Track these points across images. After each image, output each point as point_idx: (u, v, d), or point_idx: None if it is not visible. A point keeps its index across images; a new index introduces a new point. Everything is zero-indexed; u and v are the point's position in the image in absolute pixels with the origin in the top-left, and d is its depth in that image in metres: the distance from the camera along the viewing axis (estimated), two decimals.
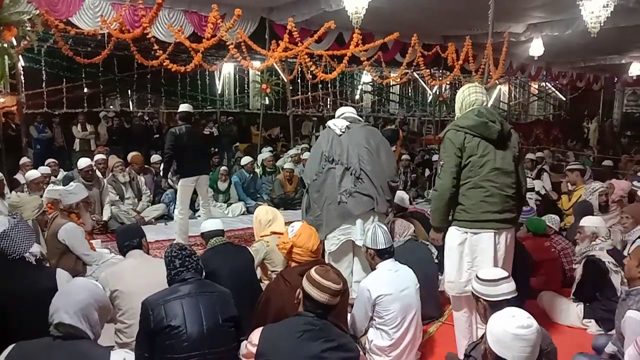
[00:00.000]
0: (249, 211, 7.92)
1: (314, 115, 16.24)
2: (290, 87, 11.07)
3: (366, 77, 16.62)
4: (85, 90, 12.94)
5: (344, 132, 3.95)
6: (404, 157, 9.57)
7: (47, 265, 3.49)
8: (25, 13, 4.11)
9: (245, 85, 16.03)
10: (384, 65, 10.38)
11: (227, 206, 7.93)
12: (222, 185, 8.03)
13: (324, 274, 2.35)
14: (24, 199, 4.16)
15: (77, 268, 4.00)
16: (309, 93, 15.81)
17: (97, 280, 3.25)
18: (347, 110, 4.15)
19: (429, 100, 18.11)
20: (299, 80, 14.95)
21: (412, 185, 9.19)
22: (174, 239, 5.96)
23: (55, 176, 6.73)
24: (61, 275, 2.67)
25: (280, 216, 4.29)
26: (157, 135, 12.05)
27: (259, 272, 3.94)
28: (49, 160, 7.41)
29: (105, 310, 2.08)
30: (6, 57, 3.73)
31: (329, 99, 17.64)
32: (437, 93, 15.46)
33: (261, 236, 4.06)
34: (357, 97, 18.30)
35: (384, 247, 3.25)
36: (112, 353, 1.96)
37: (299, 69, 10.10)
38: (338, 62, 9.02)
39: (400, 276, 3.22)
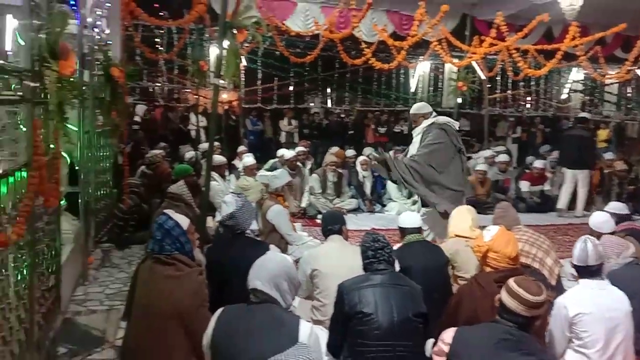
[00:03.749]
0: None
1: (511, 115, 15.20)
2: (488, 85, 10.52)
3: (576, 75, 14.90)
4: (291, 88, 14.15)
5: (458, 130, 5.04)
6: (619, 167, 8.39)
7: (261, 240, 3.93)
8: (253, 17, 4.63)
9: (440, 83, 15.76)
10: (602, 61, 9.18)
11: (412, 204, 7.87)
12: None
13: (522, 283, 2.22)
14: (252, 183, 4.74)
15: (280, 246, 4.40)
16: (508, 91, 14.81)
17: (299, 259, 3.60)
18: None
19: None
20: (497, 78, 14.15)
21: (629, 199, 7.98)
22: (364, 230, 6.20)
23: (303, 164, 7.36)
24: (273, 250, 2.97)
25: (467, 217, 4.07)
26: (352, 132, 12.60)
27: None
28: (299, 148, 7.92)
29: (294, 281, 2.22)
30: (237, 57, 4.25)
31: (529, 98, 16.31)
32: None
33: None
34: (564, 96, 16.55)
35: (593, 264, 2.86)
36: (301, 321, 2.10)
37: (500, 65, 9.52)
38: (545, 57, 8.27)
39: (607, 295, 2.81)
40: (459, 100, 10.76)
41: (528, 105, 16.14)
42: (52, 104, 2.50)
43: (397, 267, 2.83)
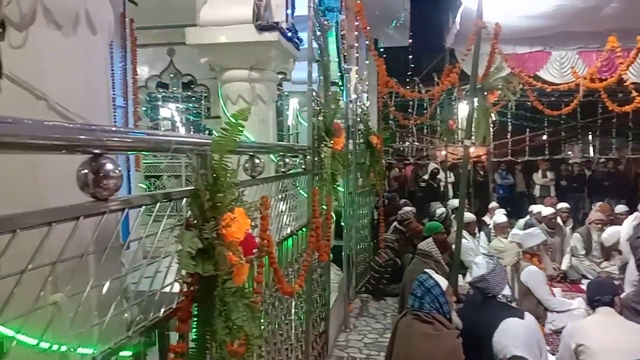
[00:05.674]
0: None
1: None
2: None
3: None
4: (545, 137, 13.16)
5: None
6: None
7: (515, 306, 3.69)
8: (503, 76, 4.56)
9: None
10: None
11: None
12: None
13: None
14: (507, 245, 4.53)
15: (537, 312, 4.03)
16: None
17: (560, 329, 3.26)
18: None
19: None
20: None
21: None
22: None
23: (564, 222, 6.81)
24: (528, 317, 2.75)
25: None
26: (622, 183, 10.91)
27: None
28: (560, 205, 7.23)
29: (541, 346, 2.16)
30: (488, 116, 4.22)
31: None
32: None
33: None
34: None
35: None
36: None
37: None
38: None
39: None
40: None
41: None
42: (327, 173, 2.90)
43: None
